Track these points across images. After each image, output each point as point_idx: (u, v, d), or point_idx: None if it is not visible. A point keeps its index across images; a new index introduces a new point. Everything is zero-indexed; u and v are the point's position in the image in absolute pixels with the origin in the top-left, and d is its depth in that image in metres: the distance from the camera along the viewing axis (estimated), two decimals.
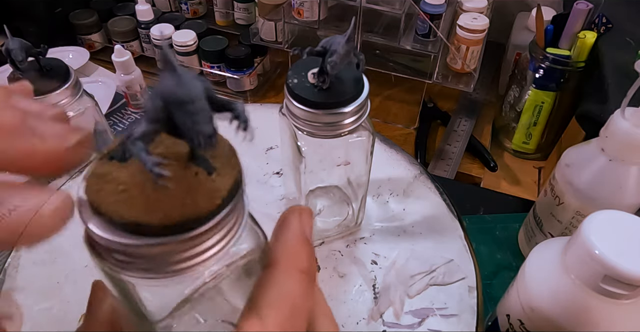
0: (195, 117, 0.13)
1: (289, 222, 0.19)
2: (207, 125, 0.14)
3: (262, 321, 0.15)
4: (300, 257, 0.18)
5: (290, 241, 0.18)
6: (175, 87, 0.13)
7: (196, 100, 0.13)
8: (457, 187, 0.62)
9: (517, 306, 0.34)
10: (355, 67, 0.29)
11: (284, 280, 0.17)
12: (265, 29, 0.71)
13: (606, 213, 0.30)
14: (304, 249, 0.18)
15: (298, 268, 0.17)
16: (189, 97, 0.13)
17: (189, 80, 0.14)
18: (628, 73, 0.37)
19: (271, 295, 0.16)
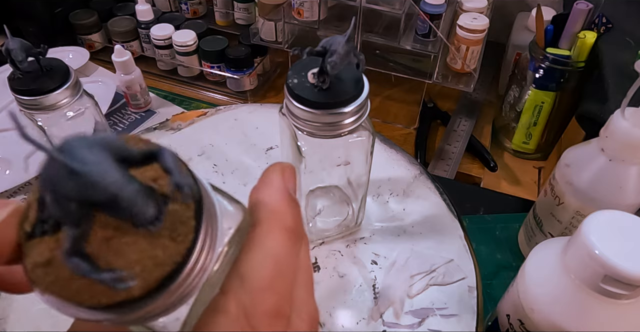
0: (131, 208, 0.12)
1: (271, 180, 0.18)
2: (147, 209, 0.12)
3: (243, 282, 0.15)
4: (284, 215, 0.16)
5: (272, 199, 0.17)
6: (81, 189, 0.11)
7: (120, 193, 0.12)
8: (457, 187, 0.62)
9: (517, 306, 0.34)
10: (355, 67, 0.29)
11: (267, 239, 0.16)
12: (265, 29, 0.71)
13: (606, 213, 0.30)
14: (289, 206, 0.17)
15: (282, 226, 0.16)
16: (109, 194, 0.11)
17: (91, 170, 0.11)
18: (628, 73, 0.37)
19: (253, 255, 0.15)
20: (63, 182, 0.11)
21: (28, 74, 0.39)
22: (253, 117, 0.49)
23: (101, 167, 0.11)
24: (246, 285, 0.14)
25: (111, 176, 0.11)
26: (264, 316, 0.14)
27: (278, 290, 0.15)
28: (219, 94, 0.78)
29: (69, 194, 0.11)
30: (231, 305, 0.14)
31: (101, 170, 0.11)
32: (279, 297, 0.15)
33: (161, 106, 0.73)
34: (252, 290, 0.14)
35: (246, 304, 0.14)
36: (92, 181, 0.11)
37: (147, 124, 0.69)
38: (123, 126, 0.69)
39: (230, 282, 0.15)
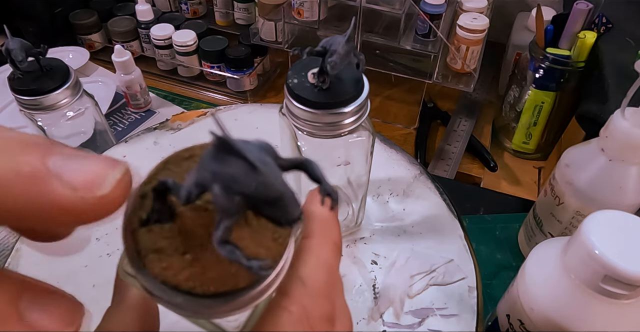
0: (285, 209, 0.13)
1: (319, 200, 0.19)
2: (295, 210, 0.14)
3: (305, 286, 0.16)
4: (333, 230, 0.19)
5: (323, 215, 0.19)
6: (259, 187, 0.12)
7: (284, 194, 0.13)
8: (457, 187, 0.62)
9: (517, 306, 0.34)
10: (355, 67, 0.29)
11: (321, 249, 0.17)
12: (265, 29, 0.71)
13: (606, 213, 0.30)
14: (335, 223, 0.19)
15: (332, 240, 0.18)
16: (277, 194, 0.13)
17: (268, 172, 0.12)
18: (628, 73, 0.37)
19: (311, 262, 0.17)
20: (242, 177, 0.12)
21: (28, 74, 0.39)
22: (253, 117, 0.49)
23: (274, 170, 0.13)
24: (308, 289, 0.16)
25: (280, 178, 0.13)
26: (321, 319, 0.16)
27: (331, 296, 0.17)
28: (219, 94, 0.78)
29: (243, 189, 0.12)
30: (294, 306, 0.15)
31: (274, 172, 0.13)
32: (331, 303, 0.17)
33: (161, 106, 0.73)
34: (313, 294, 0.16)
35: (307, 306, 0.16)
36: (268, 181, 0.12)
37: (147, 124, 0.69)
38: (123, 126, 0.69)
39: (292, 286, 0.16)
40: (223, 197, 0.12)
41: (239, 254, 0.13)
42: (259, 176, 0.12)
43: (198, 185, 0.13)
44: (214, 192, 0.12)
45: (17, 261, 0.35)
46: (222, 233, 0.12)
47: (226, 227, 0.12)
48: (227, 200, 0.12)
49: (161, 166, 0.15)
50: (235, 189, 0.12)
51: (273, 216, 0.14)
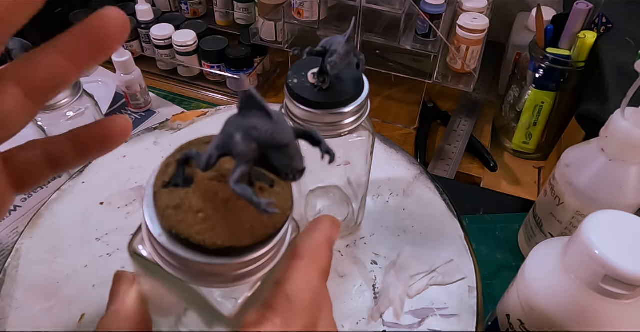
0: (292, 157, 0.15)
1: (322, 225, 0.21)
2: (300, 162, 0.15)
3: (290, 302, 0.17)
4: (323, 257, 0.20)
5: (318, 241, 0.20)
6: (274, 132, 0.14)
7: (292, 142, 0.15)
8: (457, 187, 0.62)
9: (517, 306, 0.34)
10: (355, 67, 0.29)
11: (309, 271, 0.19)
12: (265, 29, 0.71)
13: (606, 213, 0.30)
14: (327, 252, 0.20)
15: (320, 264, 0.19)
16: (288, 140, 0.15)
17: (282, 122, 0.14)
18: (628, 73, 0.37)
19: (298, 281, 0.18)
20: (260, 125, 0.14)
21: None
22: None
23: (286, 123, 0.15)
24: (292, 305, 0.17)
25: (290, 130, 0.15)
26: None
27: (313, 314, 0.18)
28: (219, 94, 0.78)
29: (260, 134, 0.14)
30: (278, 319, 0.17)
31: (285, 124, 0.15)
32: (312, 320, 0.18)
33: (161, 106, 0.73)
34: (296, 310, 0.17)
35: (290, 320, 0.17)
36: (280, 128, 0.14)
37: (147, 124, 0.69)
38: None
39: (278, 300, 0.17)
40: (242, 143, 0.14)
41: (250, 192, 0.14)
42: (273, 124, 0.14)
43: (219, 147, 0.15)
44: (235, 139, 0.14)
45: (17, 261, 0.35)
46: (237, 175, 0.14)
47: (242, 170, 0.14)
48: (246, 145, 0.14)
49: (185, 146, 0.16)
50: (254, 135, 0.14)
51: (280, 164, 0.15)
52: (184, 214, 0.15)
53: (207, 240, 0.14)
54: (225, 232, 0.14)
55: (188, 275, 0.15)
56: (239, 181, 0.14)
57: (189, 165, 0.16)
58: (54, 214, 0.39)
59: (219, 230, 0.14)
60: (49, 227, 0.38)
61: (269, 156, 0.15)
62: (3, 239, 0.47)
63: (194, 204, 0.15)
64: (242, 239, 0.15)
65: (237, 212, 0.15)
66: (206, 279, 0.16)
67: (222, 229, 0.15)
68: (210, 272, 0.15)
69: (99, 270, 0.35)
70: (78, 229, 0.38)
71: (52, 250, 0.36)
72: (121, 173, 0.42)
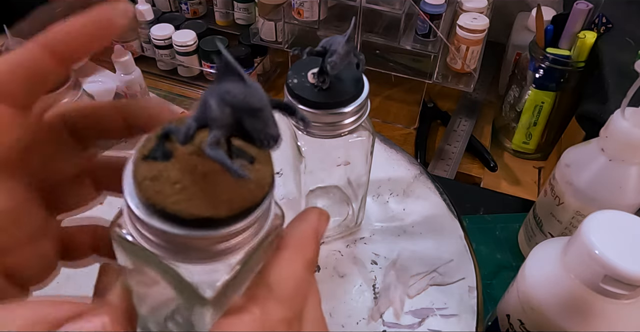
0: (266, 122, 0.15)
1: (309, 216, 0.20)
2: (275, 128, 0.15)
3: (271, 291, 0.17)
4: (309, 248, 0.19)
5: (304, 232, 0.20)
6: (247, 96, 0.14)
7: (265, 107, 0.15)
8: (457, 187, 0.62)
9: (517, 306, 0.34)
10: (355, 67, 0.29)
11: (293, 261, 0.18)
12: (265, 29, 0.71)
13: (606, 213, 0.30)
14: (313, 243, 0.20)
15: (305, 255, 0.19)
16: (260, 104, 0.15)
17: (256, 88, 0.15)
18: (628, 73, 0.37)
19: (280, 271, 0.18)
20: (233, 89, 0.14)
21: None
22: None
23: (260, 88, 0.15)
24: (273, 294, 0.17)
25: (264, 95, 0.15)
26: (281, 322, 0.17)
27: (295, 305, 0.18)
28: None
29: (233, 98, 0.14)
30: (257, 308, 0.16)
31: (259, 88, 0.15)
32: (294, 311, 0.18)
33: None
34: (277, 300, 0.17)
35: (270, 310, 0.17)
36: (253, 91, 0.14)
37: None
38: None
39: (258, 289, 0.17)
40: (216, 108, 0.14)
41: (223, 155, 0.14)
42: (247, 87, 0.14)
43: (197, 119, 0.15)
44: (209, 104, 0.14)
45: None
46: (212, 139, 0.14)
47: (215, 135, 0.14)
48: (219, 110, 0.14)
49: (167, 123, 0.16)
50: (227, 100, 0.14)
51: (254, 130, 0.15)
52: (161, 185, 0.15)
53: (183, 210, 0.14)
54: (202, 203, 0.14)
55: (165, 250, 0.15)
56: (213, 145, 0.14)
57: (169, 140, 0.16)
58: None
59: (196, 201, 0.14)
60: None
61: (243, 122, 0.15)
62: None
63: (171, 176, 0.15)
64: (219, 210, 0.14)
65: (215, 184, 0.15)
66: (183, 254, 0.15)
67: (199, 200, 0.14)
68: (187, 246, 0.15)
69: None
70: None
71: None
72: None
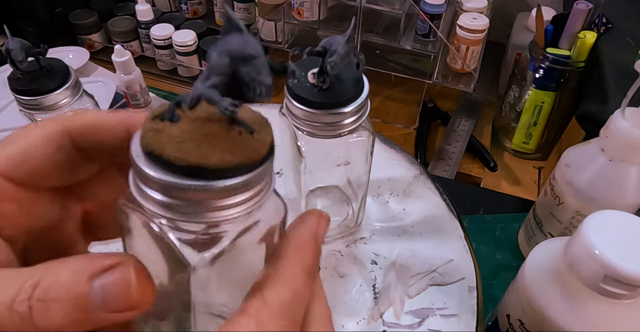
0: (259, 69, 0.15)
1: (307, 220, 0.20)
2: (268, 77, 0.16)
3: (265, 304, 0.17)
4: (307, 254, 0.19)
5: (303, 237, 0.19)
6: (243, 44, 0.15)
7: (260, 56, 0.16)
8: (457, 187, 0.62)
9: (517, 306, 0.34)
10: (355, 67, 0.29)
11: (290, 272, 0.18)
12: (265, 29, 0.71)
13: (606, 213, 0.30)
14: (313, 247, 0.19)
15: (304, 263, 0.19)
16: (255, 52, 0.15)
17: (253, 39, 0.16)
18: (628, 73, 0.37)
19: (276, 283, 0.18)
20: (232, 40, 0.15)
21: (28, 74, 0.39)
22: None
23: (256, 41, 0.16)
24: (268, 307, 0.17)
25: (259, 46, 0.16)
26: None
27: (292, 317, 0.18)
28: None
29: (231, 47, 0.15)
30: (252, 322, 0.17)
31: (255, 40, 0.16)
32: (293, 324, 0.18)
33: None
34: (272, 312, 0.17)
35: (264, 323, 0.17)
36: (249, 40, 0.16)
37: None
38: None
39: (253, 303, 0.17)
40: (217, 57, 0.15)
41: (215, 93, 0.15)
42: (243, 36, 0.16)
43: (202, 80, 0.16)
44: (211, 54, 0.15)
45: None
46: (209, 82, 0.15)
47: (214, 80, 0.15)
48: (219, 59, 0.15)
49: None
50: (226, 49, 0.15)
51: (248, 77, 0.15)
52: (163, 136, 0.16)
53: (177, 157, 0.15)
54: (196, 154, 0.15)
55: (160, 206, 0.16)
56: (210, 87, 0.15)
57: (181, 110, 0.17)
58: None
59: (191, 152, 0.15)
60: None
61: (239, 70, 0.15)
62: None
63: (173, 132, 0.16)
64: (210, 160, 0.15)
65: (213, 144, 0.16)
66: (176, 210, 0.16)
67: (194, 151, 0.15)
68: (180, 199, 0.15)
69: None
70: None
71: None
72: None
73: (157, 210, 0.16)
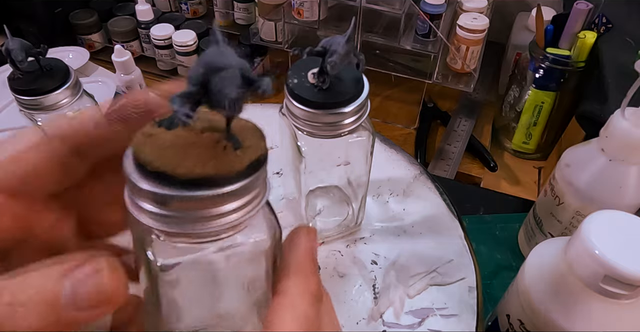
0: (225, 81, 0.16)
1: (299, 242, 0.20)
2: (233, 90, 0.16)
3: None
4: (310, 280, 0.19)
5: (301, 264, 0.19)
6: (218, 55, 0.16)
7: (229, 68, 0.16)
8: (457, 187, 0.62)
9: (517, 306, 0.34)
10: (355, 67, 0.29)
11: (297, 302, 0.18)
12: (265, 29, 0.71)
13: (606, 213, 0.30)
14: (313, 271, 0.19)
15: (309, 291, 0.19)
16: (223, 64, 0.16)
17: (228, 53, 0.16)
18: (628, 73, 0.37)
19: (287, 317, 0.18)
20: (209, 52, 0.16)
21: (28, 74, 0.39)
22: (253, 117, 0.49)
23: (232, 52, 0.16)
24: None
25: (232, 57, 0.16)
26: None
27: None
28: None
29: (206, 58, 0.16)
30: None
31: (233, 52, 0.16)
32: None
33: None
34: None
35: None
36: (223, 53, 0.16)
37: None
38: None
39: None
40: (193, 67, 0.16)
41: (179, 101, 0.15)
42: (220, 48, 0.16)
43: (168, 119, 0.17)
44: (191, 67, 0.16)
45: None
46: (181, 92, 0.16)
47: (187, 89, 0.16)
48: (194, 69, 0.16)
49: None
50: (203, 60, 0.16)
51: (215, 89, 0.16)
52: (151, 140, 0.16)
53: (146, 161, 0.15)
54: (169, 161, 0.15)
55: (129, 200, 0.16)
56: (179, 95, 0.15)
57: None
58: None
59: (166, 158, 0.15)
60: None
61: (210, 82, 0.16)
62: None
63: (163, 137, 0.16)
64: (178, 168, 0.15)
65: (191, 152, 0.16)
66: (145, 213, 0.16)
67: (168, 158, 0.15)
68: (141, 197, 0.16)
69: None
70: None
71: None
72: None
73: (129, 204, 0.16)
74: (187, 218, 0.16)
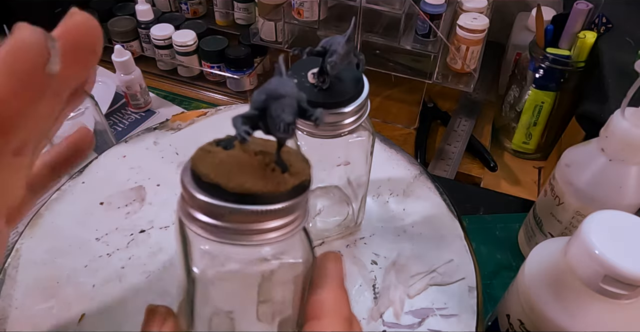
0: (283, 107, 0.17)
1: (330, 270, 0.21)
2: (290, 115, 0.17)
3: None
4: (343, 307, 0.20)
5: (334, 291, 0.20)
6: (279, 85, 0.17)
7: (287, 97, 0.17)
8: (457, 187, 0.62)
9: (517, 306, 0.34)
10: (355, 67, 0.29)
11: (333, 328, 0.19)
12: (265, 29, 0.71)
13: (606, 213, 0.30)
14: (344, 298, 0.20)
15: (342, 317, 0.19)
16: (284, 93, 0.17)
17: (289, 84, 0.18)
18: (628, 73, 0.37)
19: None
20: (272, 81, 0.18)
21: None
22: None
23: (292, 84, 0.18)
24: None
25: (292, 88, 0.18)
26: None
27: None
28: (219, 94, 0.78)
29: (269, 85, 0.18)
30: None
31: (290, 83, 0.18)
32: None
33: (161, 106, 0.73)
34: None
35: None
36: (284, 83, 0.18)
37: (147, 124, 0.69)
38: (123, 126, 0.69)
39: None
40: (256, 94, 0.18)
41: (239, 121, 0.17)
42: (282, 79, 0.18)
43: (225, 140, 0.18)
44: (254, 93, 0.18)
45: (17, 261, 0.35)
46: (244, 112, 0.17)
47: (249, 112, 0.17)
48: (257, 96, 0.17)
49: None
50: (265, 87, 0.17)
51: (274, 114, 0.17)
52: (209, 156, 0.17)
53: (201, 173, 0.17)
54: (222, 175, 0.17)
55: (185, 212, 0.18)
56: (243, 119, 0.17)
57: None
58: (54, 214, 0.39)
59: (219, 173, 0.17)
60: (49, 227, 0.38)
61: (270, 107, 0.17)
62: None
63: (219, 155, 0.18)
64: (229, 182, 0.16)
65: (243, 170, 0.17)
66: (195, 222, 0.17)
67: (222, 173, 0.17)
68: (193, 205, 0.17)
69: (98, 270, 0.35)
70: (78, 229, 0.38)
71: (52, 250, 0.36)
72: (121, 173, 0.42)
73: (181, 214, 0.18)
74: (232, 229, 0.17)
